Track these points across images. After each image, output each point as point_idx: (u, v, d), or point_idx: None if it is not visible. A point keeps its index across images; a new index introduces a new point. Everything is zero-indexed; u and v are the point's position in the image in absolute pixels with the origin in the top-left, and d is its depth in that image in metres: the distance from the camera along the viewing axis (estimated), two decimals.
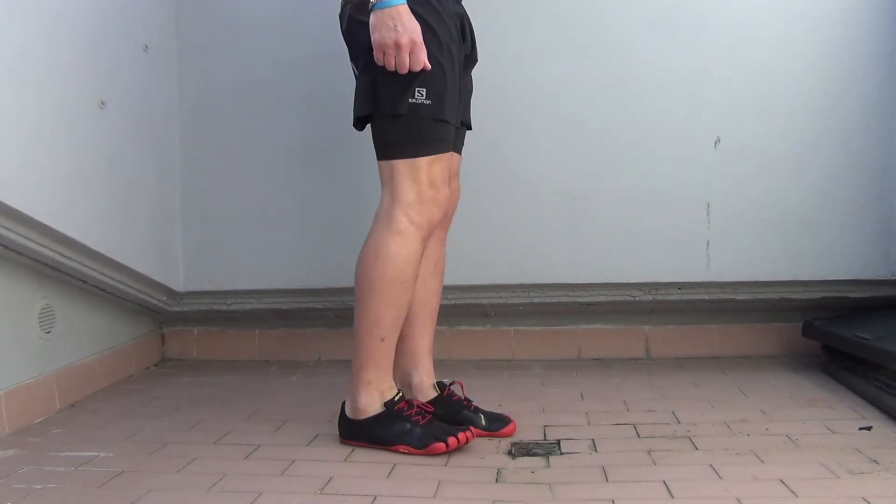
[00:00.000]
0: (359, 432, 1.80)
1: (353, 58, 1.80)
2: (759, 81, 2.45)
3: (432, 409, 1.84)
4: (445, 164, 1.76)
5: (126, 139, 2.36)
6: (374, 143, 1.78)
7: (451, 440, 1.73)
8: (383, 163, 1.75)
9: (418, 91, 1.68)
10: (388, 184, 1.75)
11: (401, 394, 1.82)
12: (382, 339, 1.77)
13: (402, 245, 1.72)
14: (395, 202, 1.73)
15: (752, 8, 2.44)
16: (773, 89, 2.45)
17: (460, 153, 1.94)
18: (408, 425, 1.75)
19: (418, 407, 1.81)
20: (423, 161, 1.72)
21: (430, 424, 1.77)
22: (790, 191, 2.46)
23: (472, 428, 1.80)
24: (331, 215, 2.58)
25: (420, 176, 1.72)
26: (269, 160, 2.61)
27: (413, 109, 1.69)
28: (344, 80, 2.46)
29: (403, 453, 1.74)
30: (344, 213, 2.57)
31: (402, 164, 1.72)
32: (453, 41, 1.75)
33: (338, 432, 1.85)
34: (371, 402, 1.78)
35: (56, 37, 2.04)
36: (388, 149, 1.74)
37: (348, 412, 1.82)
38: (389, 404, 1.77)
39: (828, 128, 2.45)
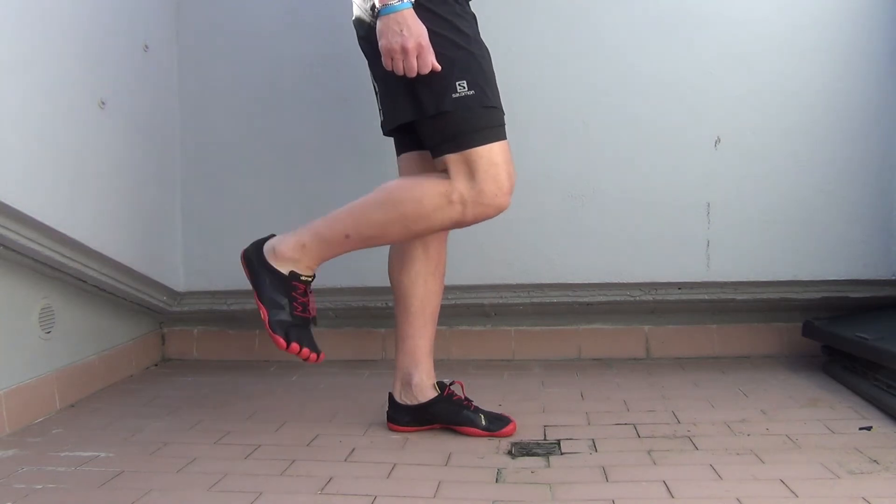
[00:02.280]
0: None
1: (374, 65, 1.79)
2: (759, 81, 2.45)
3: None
4: (507, 152, 1.73)
5: (126, 139, 2.36)
6: (426, 145, 1.77)
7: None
8: (439, 159, 1.73)
9: (459, 84, 1.67)
10: (448, 174, 1.71)
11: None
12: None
13: (439, 207, 1.70)
14: (454, 188, 1.70)
15: (753, 8, 2.44)
16: (774, 89, 2.45)
17: None
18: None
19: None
20: (483, 150, 1.69)
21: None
22: (790, 191, 2.46)
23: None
24: None
25: (480, 165, 1.69)
26: (269, 160, 2.61)
27: (459, 103, 1.68)
28: (344, 80, 2.48)
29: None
30: None
31: (457, 157, 1.69)
32: (478, 34, 1.77)
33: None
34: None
35: (56, 37, 2.04)
36: (440, 145, 1.71)
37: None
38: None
39: (828, 128, 2.45)
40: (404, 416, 1.93)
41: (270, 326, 1.74)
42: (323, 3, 2.50)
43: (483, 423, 1.88)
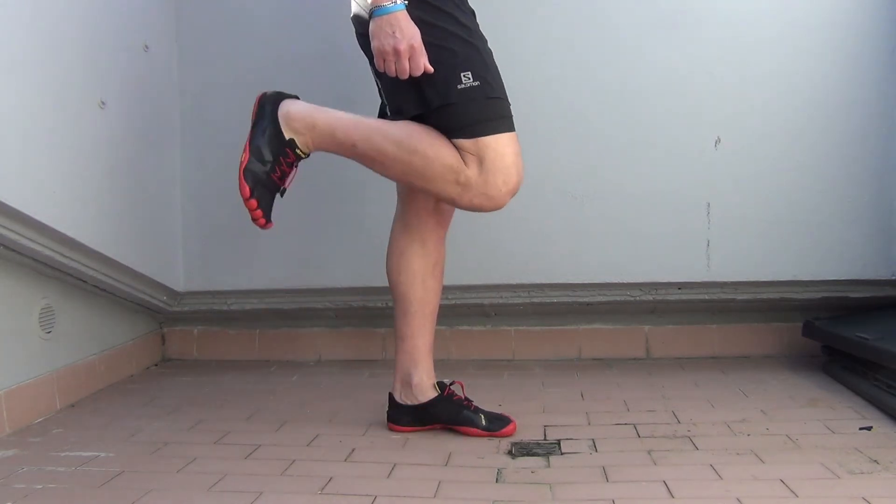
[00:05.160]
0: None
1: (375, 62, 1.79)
2: (759, 82, 2.44)
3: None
4: (515, 144, 1.74)
5: (126, 139, 2.36)
6: None
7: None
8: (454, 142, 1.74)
9: (464, 76, 1.68)
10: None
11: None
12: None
13: (442, 178, 1.72)
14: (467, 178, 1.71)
15: (753, 8, 2.44)
16: (774, 90, 2.45)
17: None
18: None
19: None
20: (490, 140, 1.70)
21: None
22: (790, 191, 2.46)
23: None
24: (331, 215, 2.58)
25: (488, 155, 1.70)
26: None
27: (463, 95, 1.68)
28: (344, 79, 2.48)
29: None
30: (344, 213, 2.57)
31: (468, 144, 1.70)
32: (478, 28, 1.77)
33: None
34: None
35: (56, 37, 2.04)
36: (449, 133, 1.72)
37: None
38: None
39: (828, 128, 2.44)
40: (404, 416, 1.92)
41: (244, 172, 1.77)
42: (323, 1, 2.50)
43: (483, 423, 1.87)
